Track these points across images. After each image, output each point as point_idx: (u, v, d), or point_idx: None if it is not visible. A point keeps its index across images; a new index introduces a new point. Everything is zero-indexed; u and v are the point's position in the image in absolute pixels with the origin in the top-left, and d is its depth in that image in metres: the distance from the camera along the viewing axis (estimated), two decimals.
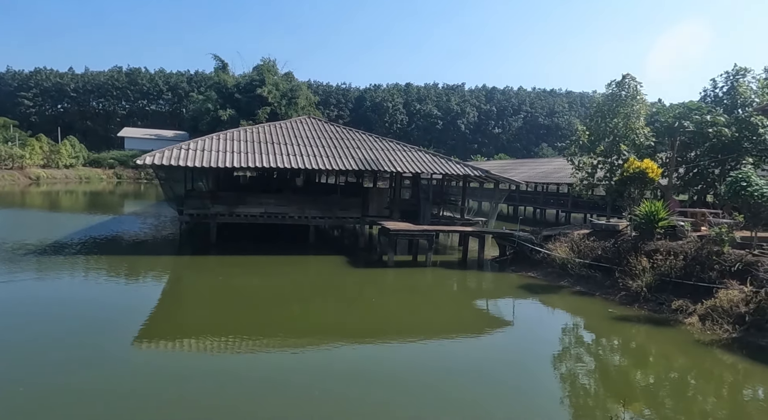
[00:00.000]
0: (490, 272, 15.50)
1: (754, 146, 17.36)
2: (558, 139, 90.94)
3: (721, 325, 8.96)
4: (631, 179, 14.04)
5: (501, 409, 6.07)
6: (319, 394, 6.10)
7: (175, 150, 15.72)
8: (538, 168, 39.22)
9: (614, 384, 7.29)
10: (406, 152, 18.94)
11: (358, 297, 12.02)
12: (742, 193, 10.51)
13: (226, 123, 50.79)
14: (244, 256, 15.62)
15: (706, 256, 10.54)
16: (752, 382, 7.60)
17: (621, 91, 17.61)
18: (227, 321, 9.04)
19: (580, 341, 9.63)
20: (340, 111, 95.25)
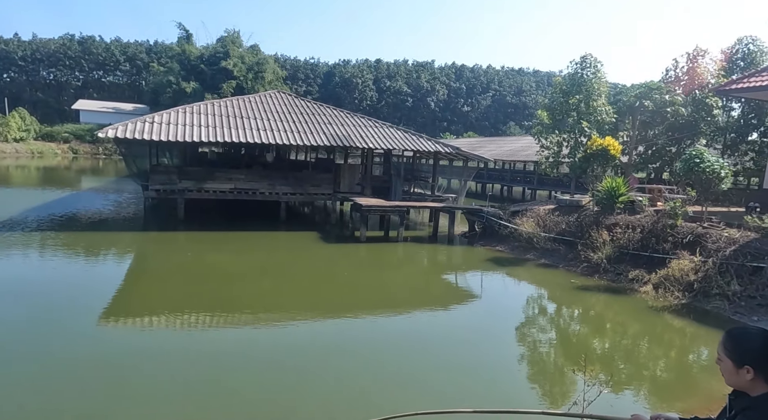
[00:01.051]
0: (460, 247, 15.91)
1: (708, 126, 18.27)
2: (525, 117, 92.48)
3: (672, 293, 9.61)
4: (594, 156, 14.59)
5: (468, 377, 6.35)
6: (291, 369, 6.17)
7: (139, 123, 15.15)
8: (506, 146, 39.94)
9: (574, 350, 7.76)
10: (377, 128, 18.90)
11: (330, 272, 12.14)
12: (696, 169, 11.13)
13: (189, 96, 48.93)
14: (213, 232, 15.42)
15: (661, 229, 11.19)
16: (698, 343, 8.25)
17: (582, 70, 18.07)
18: (197, 297, 8.96)
19: (544, 311, 10.14)
20: (309, 86, 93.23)
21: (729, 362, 2.00)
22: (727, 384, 2.08)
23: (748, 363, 1.95)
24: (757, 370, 1.94)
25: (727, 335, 2.07)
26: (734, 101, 19.51)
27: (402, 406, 2.95)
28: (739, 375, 1.97)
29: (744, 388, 2.00)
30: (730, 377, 2.02)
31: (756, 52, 19.06)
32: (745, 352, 1.97)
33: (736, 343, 2.01)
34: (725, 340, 2.04)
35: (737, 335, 2.05)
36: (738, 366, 1.97)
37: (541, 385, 6.32)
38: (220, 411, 4.96)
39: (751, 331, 2.08)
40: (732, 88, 14.58)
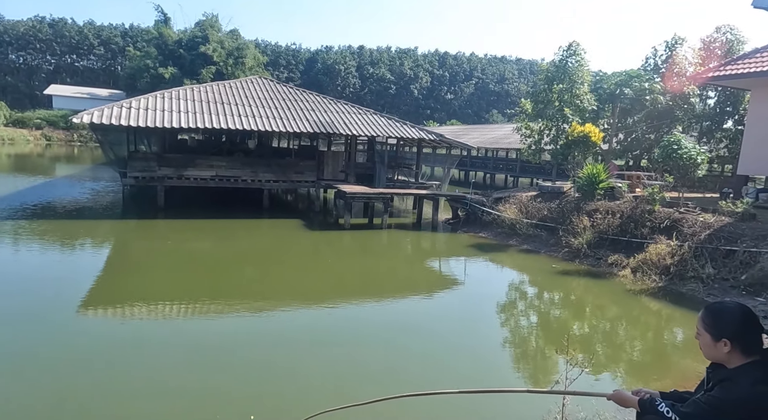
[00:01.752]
0: (443, 233, 16.03)
1: (685, 114, 18.64)
2: (508, 105, 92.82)
3: (649, 276, 9.88)
4: (575, 143, 14.78)
5: (454, 360, 6.43)
6: (275, 356, 6.17)
7: (116, 108, 14.74)
8: (489, 134, 40.13)
9: (555, 332, 7.93)
10: (361, 115, 18.77)
11: (314, 260, 12.12)
12: (673, 156, 11.38)
13: (168, 82, 47.69)
14: (194, 220, 15.20)
15: (639, 215, 11.44)
16: (673, 325, 8.52)
17: (568, 58, 18.21)
18: (179, 286, 8.85)
19: (526, 295, 10.32)
20: (291, 73, 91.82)
21: (707, 336, 2.07)
22: (706, 357, 2.15)
23: (725, 336, 2.03)
24: (734, 343, 2.01)
25: (705, 310, 2.14)
26: (711, 89, 19.93)
27: (388, 389, 2.99)
28: (716, 348, 2.05)
29: (721, 360, 2.08)
30: (708, 351, 2.10)
31: (733, 41, 19.45)
32: (722, 326, 2.05)
33: (714, 317, 2.09)
34: (704, 315, 2.12)
35: (715, 310, 2.13)
36: (716, 339, 2.04)
37: (524, 366, 6.47)
38: (202, 400, 4.93)
39: (728, 305, 2.16)
40: (708, 76, 14.87)
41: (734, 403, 1.93)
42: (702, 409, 2.01)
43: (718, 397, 1.99)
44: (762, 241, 9.28)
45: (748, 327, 2.03)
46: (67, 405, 4.71)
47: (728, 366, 2.07)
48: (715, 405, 1.98)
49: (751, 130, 14.22)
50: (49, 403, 4.70)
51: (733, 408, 1.93)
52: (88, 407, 4.71)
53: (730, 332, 2.02)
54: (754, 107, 14.43)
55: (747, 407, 1.91)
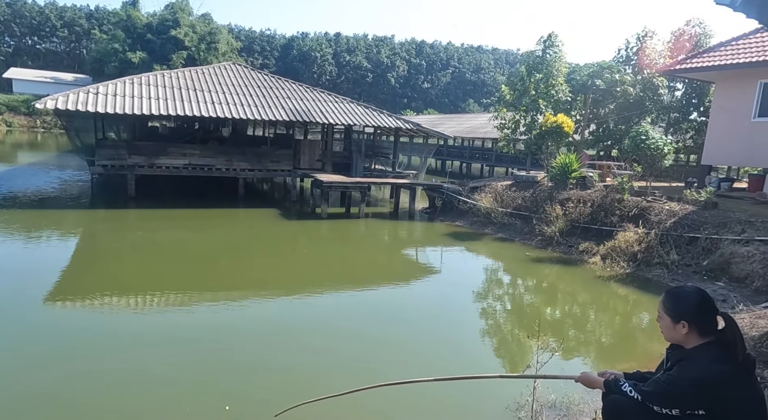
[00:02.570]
0: (420, 222, 16.16)
1: (653, 105, 19.17)
2: (484, 95, 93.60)
3: (618, 263, 10.22)
4: (548, 133, 15.04)
5: (430, 348, 6.52)
6: (251, 347, 6.16)
7: (82, 94, 14.19)
8: (465, 123, 40.40)
9: (528, 318, 8.14)
10: (338, 104, 18.61)
11: (291, 249, 12.06)
12: (642, 146, 11.73)
13: (137, 67, 46.12)
14: (167, 210, 14.87)
15: (609, 203, 11.79)
16: (640, 309, 8.86)
17: (547, 49, 18.43)
18: (151, 277, 8.68)
19: (501, 283, 10.55)
20: (265, 59, 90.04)
21: (667, 318, 2.19)
22: (666, 339, 2.27)
23: (684, 319, 2.15)
24: (691, 325, 2.14)
25: (666, 294, 2.26)
26: (678, 81, 20.53)
27: (365, 379, 3.03)
28: (675, 330, 2.17)
29: (680, 341, 2.20)
30: (668, 332, 2.22)
31: (701, 35, 20.02)
32: (681, 309, 2.17)
33: (674, 301, 2.21)
34: (665, 299, 2.24)
35: (675, 294, 2.25)
36: (675, 321, 2.17)
37: (499, 352, 6.64)
38: (176, 392, 4.89)
39: (687, 289, 2.28)
40: (676, 68, 15.32)
41: (691, 381, 2.05)
42: (661, 387, 2.13)
43: (677, 375, 2.11)
44: (722, 229, 9.71)
45: (704, 310, 2.15)
46: (36, 398, 4.60)
47: (686, 346, 2.19)
48: (673, 382, 2.10)
49: (715, 121, 14.77)
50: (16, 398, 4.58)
51: (690, 385, 2.05)
52: (60, 400, 4.61)
53: (688, 315, 2.14)
54: (717, 99, 14.97)
55: (703, 384, 2.03)
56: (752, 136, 13.49)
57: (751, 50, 13.30)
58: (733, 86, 14.08)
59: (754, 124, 13.57)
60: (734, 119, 13.88)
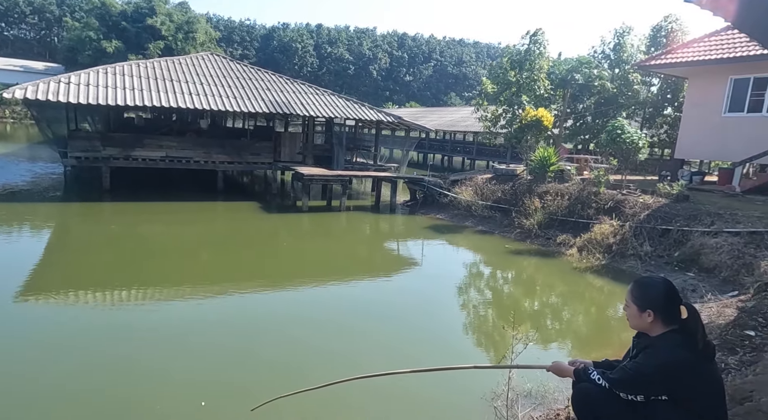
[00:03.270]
0: (402, 215, 16.21)
1: (629, 100, 19.56)
2: (465, 88, 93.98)
3: (594, 255, 10.45)
4: (528, 127, 15.22)
5: (409, 340, 6.58)
6: (229, 341, 6.12)
7: (53, 83, 13.75)
8: (447, 116, 40.55)
9: (507, 309, 8.28)
10: (318, 96, 18.46)
11: (272, 242, 11.98)
12: (617, 140, 11.98)
13: (111, 56, 44.81)
14: (144, 203, 14.58)
15: (586, 197, 12.02)
16: (614, 300, 9.08)
17: (532, 44, 18.59)
18: (127, 272, 8.49)
19: (480, 275, 10.68)
20: (245, 50, 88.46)
21: (634, 307, 2.27)
22: (631, 327, 2.35)
23: (649, 307, 2.23)
24: (657, 314, 2.22)
25: (634, 284, 2.34)
26: (654, 77, 20.96)
27: (343, 372, 3.05)
28: (641, 318, 2.25)
29: (645, 329, 2.28)
30: (634, 320, 2.30)
31: (677, 31, 20.45)
32: (648, 299, 2.25)
33: (641, 290, 2.28)
34: (632, 288, 2.31)
35: (642, 284, 2.33)
36: (641, 310, 2.24)
37: (476, 343, 6.74)
38: (151, 388, 4.84)
39: (654, 279, 2.36)
40: (651, 64, 15.63)
41: (655, 366, 2.13)
42: (628, 374, 2.21)
43: (642, 362, 2.19)
44: (693, 221, 10.01)
45: (669, 300, 2.23)
46: (10, 396, 4.50)
47: (651, 334, 2.27)
48: (638, 369, 2.18)
49: (688, 116, 15.16)
50: None
51: (654, 370, 2.13)
52: (34, 395, 4.51)
53: (654, 304, 2.22)
54: (690, 95, 15.35)
55: (666, 369, 2.11)
56: (722, 131, 13.90)
57: (722, 47, 13.67)
58: (705, 82, 14.46)
59: (725, 119, 13.98)
60: (706, 114, 14.27)
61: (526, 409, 4.35)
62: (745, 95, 13.55)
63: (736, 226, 9.33)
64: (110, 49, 48.75)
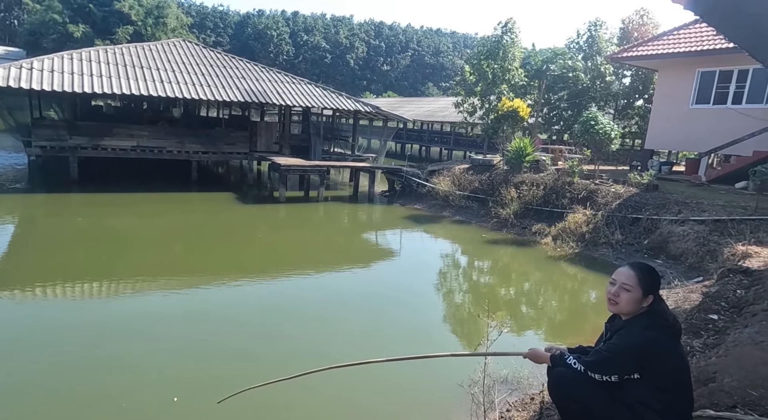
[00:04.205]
0: (380, 206, 16.22)
1: (601, 91, 19.95)
2: (443, 78, 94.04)
3: (567, 243, 10.70)
4: (504, 117, 15.37)
5: (387, 330, 6.64)
6: (204, 333, 6.06)
7: (14, 69, 13.13)
8: (424, 107, 40.55)
9: (483, 298, 8.41)
10: (295, 85, 18.19)
11: (248, 234, 11.83)
12: (591, 131, 12.22)
13: (78, 41, 43.05)
14: (114, 194, 14.16)
15: (560, 186, 12.26)
16: (587, 287, 9.35)
17: (504, 34, 18.70)
18: (96, 265, 8.25)
19: (457, 264, 10.81)
20: (219, 37, 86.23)
21: (640, 291, 2.32)
22: (624, 310, 2.37)
23: (652, 292, 2.31)
24: (655, 298, 2.31)
25: (642, 269, 2.37)
26: (626, 69, 21.41)
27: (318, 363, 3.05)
28: (641, 302, 2.32)
29: (634, 312, 2.35)
30: (633, 305, 2.34)
31: (648, 24, 20.89)
32: (654, 284, 2.33)
33: (649, 275, 2.36)
34: (640, 273, 2.35)
35: (650, 269, 2.40)
36: (645, 295, 2.32)
37: (454, 331, 6.84)
38: (122, 385, 4.74)
39: (652, 266, 2.47)
40: (623, 56, 15.95)
41: (628, 346, 2.22)
42: (602, 356, 2.28)
43: (616, 343, 2.27)
44: (662, 209, 10.34)
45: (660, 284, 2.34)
46: None
47: (624, 317, 2.35)
48: (612, 351, 2.25)
49: (657, 107, 15.57)
50: None
51: (628, 351, 2.21)
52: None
53: (656, 289, 2.31)
54: (660, 87, 15.76)
55: (638, 349, 2.20)
56: (690, 122, 14.35)
57: (690, 40, 14.04)
58: (674, 74, 14.85)
59: (692, 111, 14.42)
60: (674, 106, 14.68)
61: (502, 394, 4.45)
62: (711, 87, 13.99)
63: (701, 214, 9.69)
64: (78, 33, 46.80)
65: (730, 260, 7.69)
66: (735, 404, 2.81)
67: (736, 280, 6.44)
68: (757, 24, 3.09)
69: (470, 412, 4.27)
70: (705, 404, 2.80)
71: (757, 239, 8.20)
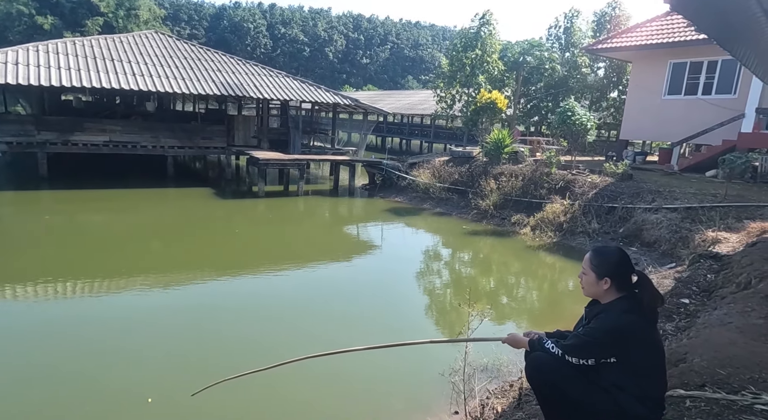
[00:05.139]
0: (361, 199, 16.18)
1: (577, 83, 20.23)
2: (422, 71, 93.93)
3: (546, 233, 10.86)
4: (483, 109, 15.46)
5: (368, 322, 6.63)
6: (191, 329, 5.99)
7: None
8: (404, 100, 40.49)
9: (464, 288, 8.47)
10: (273, 78, 17.93)
11: (227, 229, 11.66)
12: (568, 122, 12.39)
13: (47, 33, 41.52)
14: (87, 191, 13.78)
15: (538, 177, 12.42)
16: (565, 275, 9.51)
17: (482, 26, 18.76)
18: (71, 263, 8.05)
19: (438, 255, 10.87)
20: (194, 29, 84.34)
21: (593, 275, 2.35)
22: (586, 294, 2.44)
23: (606, 274, 2.33)
24: (613, 281, 2.33)
25: (592, 252, 2.42)
26: (600, 61, 21.74)
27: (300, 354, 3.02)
28: (598, 285, 2.35)
29: (599, 296, 2.38)
30: (591, 288, 2.38)
31: (621, 16, 21.21)
32: (606, 266, 2.35)
33: (600, 258, 2.38)
34: (591, 257, 2.39)
35: (601, 252, 2.43)
36: (599, 278, 2.34)
37: (435, 322, 6.89)
38: (96, 385, 4.64)
39: (610, 248, 2.47)
40: (598, 48, 16.19)
41: (606, 331, 2.24)
42: (581, 340, 2.31)
43: (594, 327, 2.30)
44: (637, 198, 10.58)
45: (623, 267, 2.35)
46: None
47: (602, 301, 2.39)
48: (591, 335, 2.28)
49: (631, 99, 15.87)
50: None
51: (606, 335, 2.24)
52: None
53: (611, 271, 2.33)
54: (633, 78, 16.06)
55: (616, 332, 2.23)
56: (662, 113, 14.67)
57: (662, 32, 14.32)
58: (647, 66, 15.14)
59: (665, 102, 14.75)
60: (647, 97, 14.99)
61: (482, 382, 4.51)
62: (682, 79, 14.32)
63: (674, 202, 9.95)
64: (47, 25, 45.09)
65: (700, 246, 7.92)
66: (704, 383, 2.90)
67: (707, 265, 6.64)
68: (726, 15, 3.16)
69: (450, 400, 4.31)
70: (676, 384, 2.88)
71: (726, 225, 8.46)
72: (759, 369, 3.04)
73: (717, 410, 2.60)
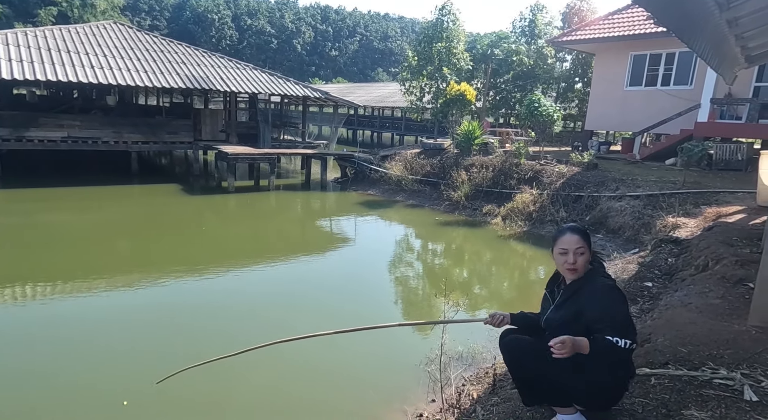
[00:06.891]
0: (333, 193, 16.09)
1: (544, 74, 20.63)
2: (392, 64, 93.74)
3: (516, 222, 11.10)
4: (452, 101, 15.59)
5: (342, 314, 6.64)
6: (159, 325, 5.86)
7: None
8: (375, 92, 40.35)
9: (438, 278, 8.59)
10: (240, 70, 17.53)
11: (196, 226, 11.40)
12: (535, 113, 12.64)
13: None
14: (45, 189, 13.18)
15: (508, 168, 12.65)
16: (535, 263, 9.77)
17: (443, 17, 18.84)
18: (31, 265, 7.71)
19: (412, 247, 10.95)
20: (155, 20, 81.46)
21: (588, 250, 2.45)
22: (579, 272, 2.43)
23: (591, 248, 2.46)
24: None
25: (581, 232, 2.47)
26: (566, 53, 22.24)
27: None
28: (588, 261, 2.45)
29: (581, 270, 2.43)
30: (587, 263, 2.45)
31: (585, 10, 21.72)
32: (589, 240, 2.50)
33: (587, 234, 2.50)
34: (583, 236, 2.45)
35: (583, 227, 2.57)
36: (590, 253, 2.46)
37: (409, 311, 6.95)
38: (68, 389, 4.49)
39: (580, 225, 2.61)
40: (563, 40, 16.54)
41: (624, 300, 2.35)
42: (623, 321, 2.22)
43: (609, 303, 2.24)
44: (602, 187, 10.92)
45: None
46: None
47: (568, 280, 2.46)
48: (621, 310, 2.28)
49: (595, 90, 16.32)
50: None
51: (625, 303, 2.34)
52: None
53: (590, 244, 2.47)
54: (597, 70, 16.50)
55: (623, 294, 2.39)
56: (625, 104, 15.16)
57: (623, 25, 14.75)
58: (609, 58, 15.59)
59: (626, 93, 15.23)
60: (611, 88, 15.45)
61: (458, 370, 4.58)
62: (642, 70, 14.81)
63: (636, 190, 10.32)
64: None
65: (661, 231, 8.26)
66: (667, 361, 3.04)
67: (668, 250, 6.94)
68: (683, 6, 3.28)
69: (428, 389, 4.37)
70: (642, 363, 3.01)
71: (684, 211, 8.85)
72: (717, 346, 3.21)
73: (680, 386, 2.73)
